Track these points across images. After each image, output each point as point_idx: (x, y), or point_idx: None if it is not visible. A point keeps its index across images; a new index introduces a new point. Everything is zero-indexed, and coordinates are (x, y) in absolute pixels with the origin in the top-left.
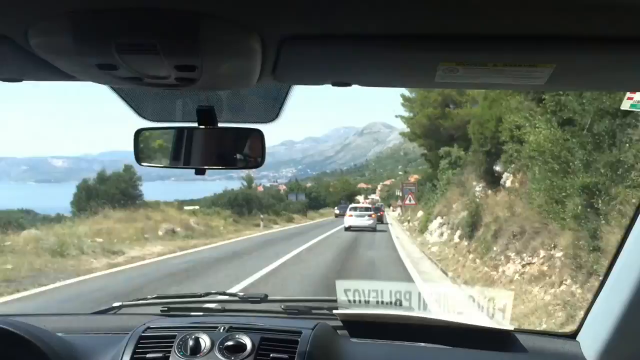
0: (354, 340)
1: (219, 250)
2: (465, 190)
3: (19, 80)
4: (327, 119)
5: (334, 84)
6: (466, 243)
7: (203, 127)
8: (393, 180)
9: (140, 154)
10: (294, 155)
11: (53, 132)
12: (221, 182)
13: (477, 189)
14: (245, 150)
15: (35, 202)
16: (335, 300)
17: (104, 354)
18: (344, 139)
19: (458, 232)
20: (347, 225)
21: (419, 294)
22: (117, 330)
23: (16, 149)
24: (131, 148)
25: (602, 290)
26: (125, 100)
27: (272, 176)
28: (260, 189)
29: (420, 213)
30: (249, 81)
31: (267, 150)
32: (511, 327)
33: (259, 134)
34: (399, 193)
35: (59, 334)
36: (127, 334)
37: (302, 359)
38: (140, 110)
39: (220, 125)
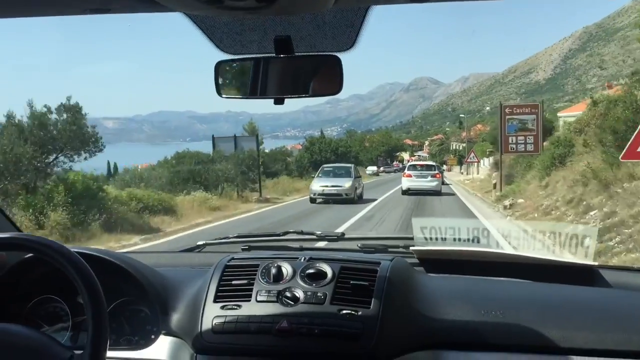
0: (430, 275)
1: None
2: None
3: (107, 10)
4: (372, 75)
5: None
6: None
7: (280, 56)
8: (442, 135)
9: (220, 86)
10: (338, 113)
11: (105, 93)
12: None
13: None
14: (322, 77)
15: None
16: (412, 238)
17: (192, 283)
18: (390, 96)
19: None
20: (405, 188)
21: (497, 230)
22: (203, 265)
23: None
24: (180, 109)
25: None
26: (205, 33)
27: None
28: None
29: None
30: (326, 2)
31: (310, 109)
32: (594, 263)
33: (336, 60)
34: (458, 146)
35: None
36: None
37: (382, 285)
38: (218, 42)
39: (297, 54)
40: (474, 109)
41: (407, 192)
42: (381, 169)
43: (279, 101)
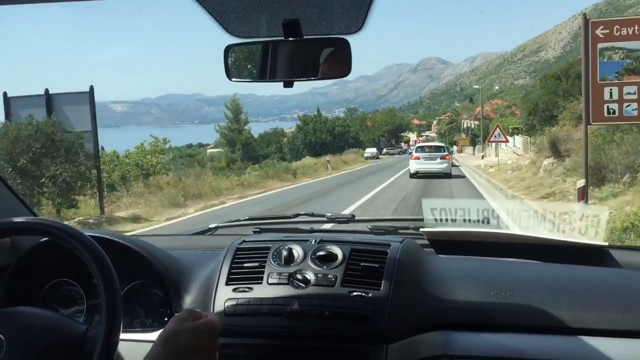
0: (440, 256)
1: None
2: None
3: None
4: (380, 56)
5: None
6: None
7: (289, 39)
8: (451, 114)
9: (230, 69)
10: (346, 95)
11: (113, 77)
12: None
13: None
14: (331, 60)
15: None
16: (422, 220)
17: (205, 266)
18: (397, 77)
19: None
20: (412, 171)
21: (507, 211)
22: (215, 248)
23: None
24: (188, 92)
25: None
26: (214, 17)
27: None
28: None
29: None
30: None
31: (318, 91)
32: (605, 243)
33: (345, 43)
34: (470, 124)
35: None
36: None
37: (392, 267)
38: (227, 26)
39: (305, 37)
40: (483, 88)
41: (415, 175)
42: (384, 150)
43: (288, 84)
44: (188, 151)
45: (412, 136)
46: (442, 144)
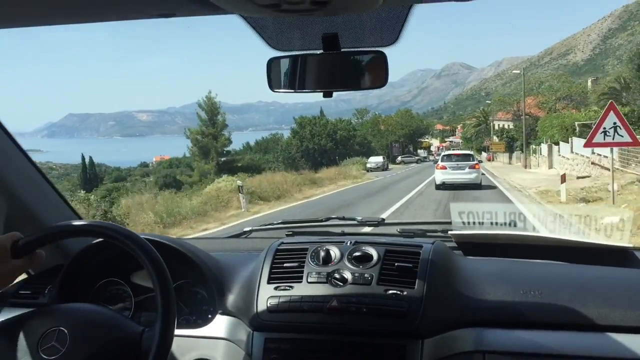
0: (469, 258)
1: None
2: None
3: (172, 14)
4: (403, 61)
5: None
6: None
7: (328, 52)
8: (479, 114)
9: (272, 81)
10: (369, 101)
11: (139, 87)
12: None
13: None
14: (368, 71)
15: (117, 156)
16: (450, 223)
17: (245, 266)
18: (421, 83)
19: None
20: (439, 182)
21: (534, 214)
22: (251, 250)
23: (105, 105)
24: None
25: None
26: (257, 32)
27: None
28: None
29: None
30: (374, 2)
31: (342, 97)
32: (629, 245)
33: (382, 55)
34: (505, 125)
35: None
36: (261, 252)
37: (425, 267)
38: (269, 40)
39: (343, 50)
40: (509, 92)
41: (441, 186)
42: (398, 158)
43: (327, 94)
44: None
45: (435, 142)
46: (471, 152)
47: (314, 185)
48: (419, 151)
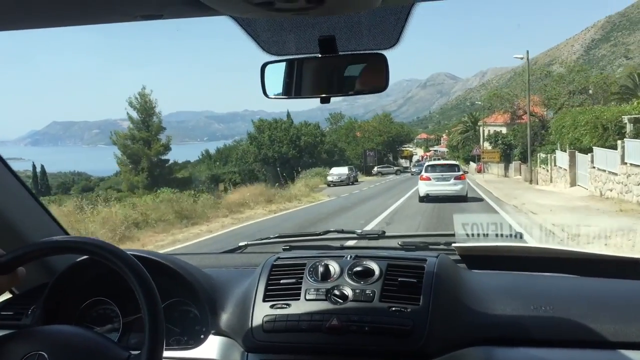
0: (474, 271)
1: None
2: None
3: (159, 16)
4: (390, 71)
5: None
6: None
7: (325, 56)
8: (468, 118)
9: (267, 87)
10: (355, 111)
11: (123, 95)
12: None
13: None
14: (368, 75)
15: (96, 165)
16: (453, 235)
17: (239, 283)
18: (407, 92)
19: None
20: (422, 194)
21: (540, 226)
22: (246, 266)
23: (89, 113)
24: (197, 109)
25: None
26: (250, 35)
27: None
28: None
29: None
30: (374, 1)
31: (327, 107)
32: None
33: (382, 58)
34: (498, 130)
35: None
36: (256, 267)
37: (430, 282)
38: (262, 44)
39: (341, 53)
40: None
41: (425, 198)
42: (375, 169)
43: (325, 100)
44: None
45: (419, 151)
46: (456, 163)
47: (219, 213)
48: (400, 160)
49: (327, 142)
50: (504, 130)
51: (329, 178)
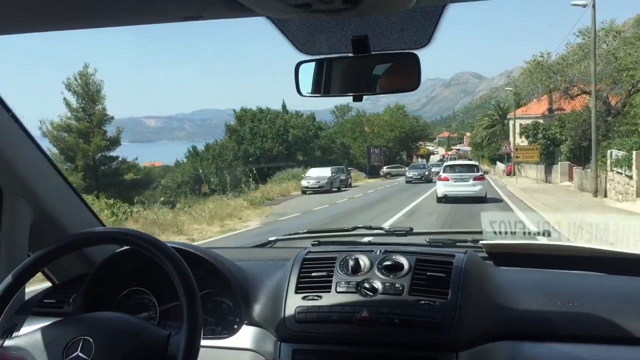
0: (501, 268)
1: None
2: None
3: (200, 17)
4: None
5: None
6: None
7: (358, 55)
8: (490, 114)
9: (300, 85)
10: (378, 109)
11: (148, 93)
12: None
13: None
14: (400, 74)
15: None
16: (480, 232)
17: (272, 276)
18: (430, 92)
19: None
20: (440, 194)
21: (569, 224)
22: (277, 260)
23: (114, 111)
24: (221, 107)
25: None
26: (285, 35)
27: None
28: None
29: None
30: (408, 2)
31: (350, 106)
32: None
33: (414, 57)
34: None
35: None
36: (287, 261)
37: (458, 276)
38: (297, 43)
39: (373, 53)
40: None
41: (443, 199)
42: (384, 169)
43: (357, 98)
44: None
45: (440, 150)
46: (475, 163)
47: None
48: (417, 160)
49: (322, 137)
50: (540, 121)
51: (304, 183)
